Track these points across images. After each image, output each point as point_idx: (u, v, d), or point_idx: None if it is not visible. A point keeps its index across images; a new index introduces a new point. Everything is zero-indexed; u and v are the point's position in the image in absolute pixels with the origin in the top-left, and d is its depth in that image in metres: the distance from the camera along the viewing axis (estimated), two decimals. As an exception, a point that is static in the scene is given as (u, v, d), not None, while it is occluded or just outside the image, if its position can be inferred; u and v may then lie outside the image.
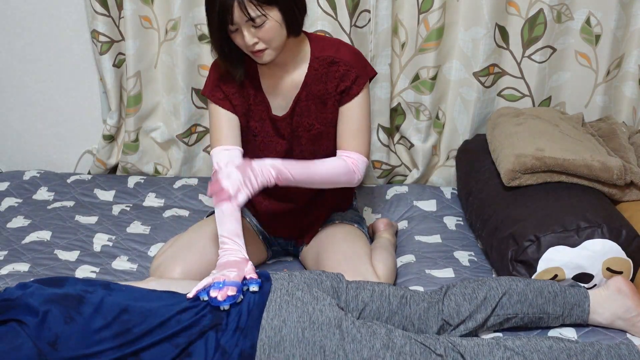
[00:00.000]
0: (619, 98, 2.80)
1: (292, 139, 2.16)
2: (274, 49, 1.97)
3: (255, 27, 1.92)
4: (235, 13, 1.89)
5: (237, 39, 1.96)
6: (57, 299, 1.70)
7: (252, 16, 1.89)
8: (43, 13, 2.80)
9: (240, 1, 1.87)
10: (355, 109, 2.10)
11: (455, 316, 1.90)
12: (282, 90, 2.13)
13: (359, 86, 2.09)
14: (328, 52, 2.09)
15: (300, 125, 2.14)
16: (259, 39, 1.94)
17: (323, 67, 2.09)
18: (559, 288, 1.98)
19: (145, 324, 1.71)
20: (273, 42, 1.95)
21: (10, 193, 2.79)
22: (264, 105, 2.14)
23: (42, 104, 2.96)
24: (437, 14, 2.60)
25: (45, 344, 1.64)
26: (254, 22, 1.90)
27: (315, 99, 2.11)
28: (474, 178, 2.53)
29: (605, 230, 2.06)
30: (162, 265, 2.14)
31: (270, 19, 1.91)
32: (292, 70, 2.11)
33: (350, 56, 2.10)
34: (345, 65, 2.08)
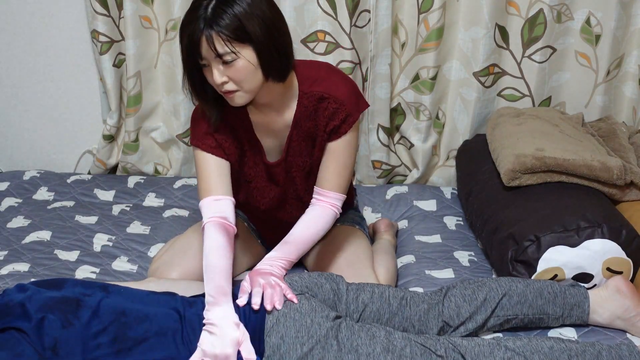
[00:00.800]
0: (619, 98, 2.80)
1: (286, 183, 2.09)
2: (246, 92, 1.81)
3: (225, 64, 1.76)
4: (203, 47, 1.74)
5: (208, 75, 1.80)
6: (54, 303, 1.70)
7: (219, 52, 1.73)
8: (43, 13, 2.80)
9: (208, 35, 1.72)
10: (342, 148, 1.98)
11: (456, 317, 1.90)
12: (273, 131, 2.00)
13: (349, 125, 1.95)
14: (317, 87, 1.94)
15: (293, 165, 2.04)
16: (229, 78, 1.78)
17: (312, 103, 1.95)
18: (558, 288, 1.97)
19: (141, 328, 1.70)
20: (245, 83, 1.79)
21: (10, 193, 2.79)
22: (258, 149, 2.02)
23: (42, 104, 2.96)
24: (437, 14, 2.60)
25: (46, 349, 1.64)
26: (222, 58, 1.74)
27: (305, 137, 1.99)
28: (474, 178, 2.53)
29: (605, 230, 2.06)
30: (160, 269, 2.13)
31: (242, 57, 1.75)
32: (281, 110, 1.96)
33: (342, 91, 1.94)
34: (335, 103, 1.93)
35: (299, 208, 2.11)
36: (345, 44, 2.66)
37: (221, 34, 1.73)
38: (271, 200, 2.12)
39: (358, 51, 2.68)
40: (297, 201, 2.14)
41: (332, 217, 2.00)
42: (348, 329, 1.75)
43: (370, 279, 2.08)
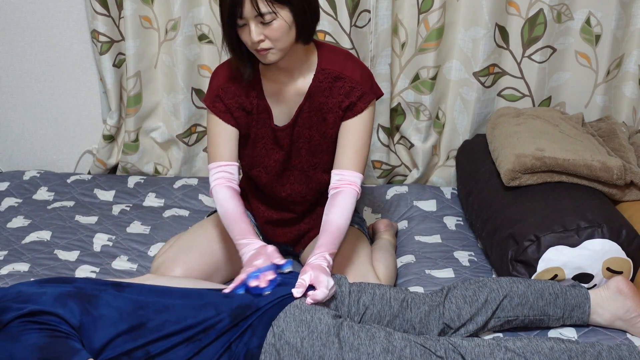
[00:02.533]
0: (619, 98, 2.80)
1: (292, 149, 2.14)
2: (279, 50, 1.93)
3: (264, 24, 1.87)
4: (246, 6, 1.85)
5: (244, 34, 1.91)
6: (70, 295, 1.71)
7: (262, 11, 1.85)
8: (43, 13, 2.80)
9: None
10: (358, 126, 2.06)
11: (456, 319, 1.90)
12: (285, 98, 2.09)
13: (365, 103, 2.04)
14: (335, 66, 2.05)
15: (301, 136, 2.12)
16: (265, 36, 1.89)
17: (328, 80, 2.05)
18: (559, 289, 1.97)
19: (160, 318, 1.71)
20: (279, 42, 1.91)
21: (10, 193, 2.79)
22: (267, 113, 2.11)
23: (42, 104, 2.96)
24: (437, 14, 2.60)
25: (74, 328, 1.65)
26: (262, 18, 1.86)
27: (317, 112, 2.08)
28: (474, 178, 2.53)
29: (605, 230, 2.06)
30: (162, 266, 2.14)
31: (280, 17, 1.87)
32: (297, 78, 2.06)
33: (358, 74, 2.05)
34: (351, 82, 2.04)
35: (301, 182, 2.18)
36: (345, 44, 2.66)
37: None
38: (275, 164, 2.15)
39: (358, 51, 2.68)
40: (300, 173, 2.17)
41: (354, 197, 2.04)
42: (349, 328, 1.75)
43: (369, 276, 2.09)
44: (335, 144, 2.11)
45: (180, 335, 1.71)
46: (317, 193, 2.23)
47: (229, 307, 1.76)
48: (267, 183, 2.21)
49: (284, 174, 2.18)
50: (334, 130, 2.09)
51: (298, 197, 2.22)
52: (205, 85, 2.82)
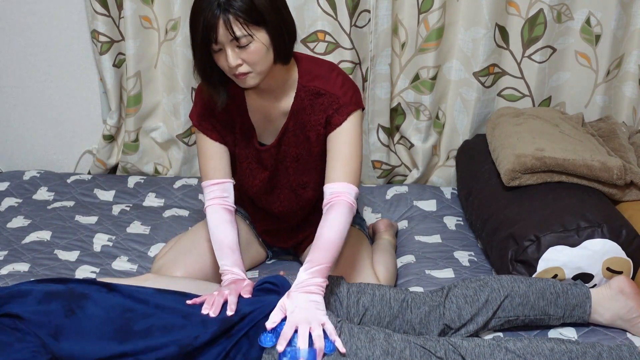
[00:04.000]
0: (619, 98, 2.80)
1: (277, 169, 2.10)
2: (258, 73, 1.86)
3: (240, 48, 1.81)
4: (220, 31, 1.78)
5: (220, 60, 1.85)
6: (58, 293, 1.70)
7: (237, 35, 1.78)
8: (43, 13, 2.80)
9: (226, 19, 1.77)
10: (341, 138, 1.96)
11: (457, 319, 1.90)
12: (270, 117, 2.04)
13: (342, 115, 1.96)
14: (316, 82, 1.98)
15: (287, 155, 2.07)
16: (243, 60, 1.83)
17: (309, 97, 1.99)
18: (561, 288, 1.96)
19: (146, 322, 1.70)
20: (258, 65, 1.84)
21: (10, 193, 2.79)
22: (250, 132, 2.06)
23: (42, 104, 2.96)
24: (437, 14, 2.60)
25: (46, 335, 1.64)
26: (238, 42, 1.79)
27: (301, 130, 2.03)
28: (474, 178, 2.53)
29: (605, 230, 2.06)
30: (163, 268, 2.13)
31: (257, 40, 1.80)
32: (279, 97, 2.01)
33: (338, 87, 1.98)
34: (330, 97, 1.97)
35: (291, 200, 2.15)
36: (345, 44, 2.66)
37: (238, 17, 1.77)
38: (261, 183, 2.13)
39: (358, 51, 2.68)
40: (289, 191, 2.14)
41: (347, 208, 1.91)
42: (349, 331, 1.74)
43: (369, 277, 2.08)
44: (323, 162, 2.06)
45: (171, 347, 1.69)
46: (310, 208, 2.21)
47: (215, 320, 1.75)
48: (257, 200, 2.20)
49: (273, 192, 2.16)
50: (318, 148, 2.04)
51: (290, 213, 2.20)
52: (205, 85, 2.82)
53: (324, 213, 1.93)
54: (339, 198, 1.92)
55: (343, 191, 1.93)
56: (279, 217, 2.23)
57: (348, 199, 1.92)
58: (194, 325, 1.72)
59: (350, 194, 1.93)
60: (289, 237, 2.29)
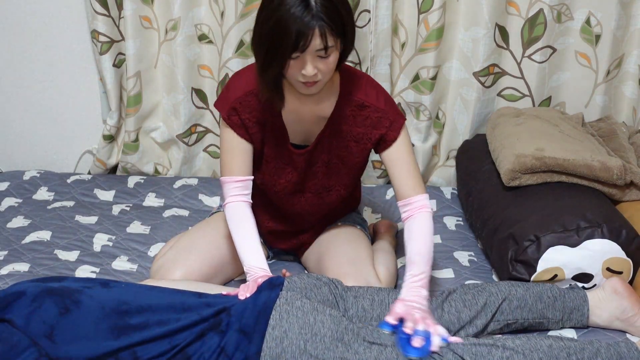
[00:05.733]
0: (619, 98, 2.80)
1: (307, 172, 2.10)
2: (324, 82, 1.87)
3: (322, 58, 1.80)
4: (315, 40, 1.75)
5: (294, 67, 1.81)
6: (53, 290, 1.70)
7: (328, 45, 1.76)
8: (43, 13, 2.80)
9: (321, 29, 1.74)
10: (401, 153, 2.02)
11: (456, 322, 1.90)
12: (304, 119, 2.02)
13: (396, 131, 2.00)
14: (358, 94, 1.99)
15: (319, 160, 2.07)
16: (318, 70, 1.81)
17: (351, 108, 1.99)
18: (558, 292, 1.98)
19: (142, 316, 1.70)
20: (328, 74, 1.84)
21: (10, 193, 2.79)
22: (282, 132, 2.03)
23: (42, 104, 2.96)
24: (437, 14, 2.60)
25: (41, 337, 1.64)
26: (326, 52, 1.78)
27: (338, 138, 2.03)
28: (474, 178, 2.53)
29: (605, 230, 2.06)
30: (162, 268, 2.13)
31: (336, 50, 1.81)
32: (318, 102, 1.99)
33: (382, 101, 2.00)
34: (376, 112, 1.99)
35: (312, 203, 2.15)
36: (345, 44, 2.65)
37: (332, 28, 1.76)
38: (286, 183, 2.11)
39: (358, 51, 2.68)
40: (313, 195, 2.14)
41: (429, 217, 1.99)
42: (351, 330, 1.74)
43: (371, 277, 2.08)
44: (355, 170, 2.10)
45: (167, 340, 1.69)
46: (328, 210, 2.21)
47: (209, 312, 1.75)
48: (276, 200, 2.18)
49: (295, 195, 2.15)
50: (358, 159, 2.07)
51: (307, 215, 2.20)
52: (205, 85, 2.82)
53: (406, 228, 1.99)
54: (419, 210, 1.99)
55: (420, 203, 2.00)
56: (293, 218, 2.21)
57: (427, 208, 2.00)
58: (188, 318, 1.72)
59: (427, 202, 2.01)
60: (292, 239, 2.29)
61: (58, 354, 1.64)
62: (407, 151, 2.03)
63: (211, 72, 2.79)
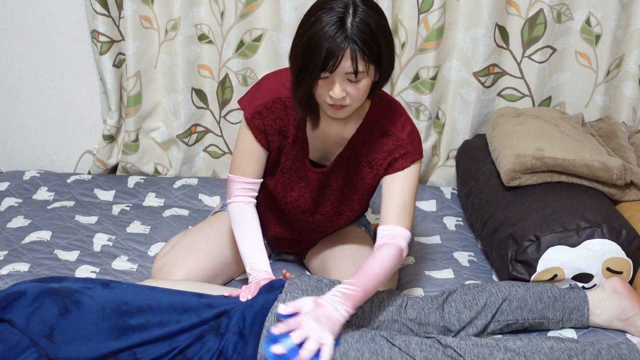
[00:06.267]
0: (619, 98, 2.80)
1: (320, 193, 2.07)
2: (353, 108, 1.81)
3: (351, 82, 1.74)
4: (344, 62, 1.70)
5: (322, 87, 1.76)
6: (53, 291, 1.70)
7: (359, 70, 1.71)
8: (43, 13, 2.80)
9: (353, 51, 1.69)
10: (402, 183, 1.94)
11: (456, 323, 1.90)
12: (325, 137, 1.98)
13: (406, 162, 1.93)
14: (384, 121, 1.94)
15: (333, 182, 2.04)
16: (347, 93, 1.76)
17: (373, 133, 1.94)
18: (558, 292, 1.98)
19: (142, 317, 1.70)
20: (358, 101, 1.79)
21: (10, 193, 2.79)
22: (302, 146, 1.99)
23: (42, 104, 2.95)
24: (437, 14, 2.60)
25: (41, 337, 1.64)
26: (356, 76, 1.72)
27: (355, 161, 1.99)
28: (474, 178, 2.53)
29: (605, 230, 2.06)
30: (163, 268, 2.13)
31: (368, 76, 1.75)
32: (344, 123, 1.94)
33: (406, 133, 1.94)
34: (396, 141, 1.93)
35: (320, 224, 2.13)
36: (345, 44, 2.65)
37: (365, 52, 1.71)
38: (298, 198, 2.08)
39: (358, 51, 2.67)
40: (323, 217, 2.12)
41: (397, 252, 1.87)
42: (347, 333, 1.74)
43: None
44: (366, 196, 2.08)
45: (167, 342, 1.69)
46: (334, 230, 2.21)
47: (210, 312, 1.75)
48: (285, 211, 2.15)
49: (304, 214, 2.12)
50: (370, 184, 2.03)
51: (313, 233, 2.19)
52: (205, 85, 2.82)
53: (375, 249, 1.89)
54: (393, 240, 1.89)
55: (399, 235, 1.90)
56: (299, 230, 2.19)
57: (402, 243, 1.89)
58: (189, 319, 1.72)
59: (404, 239, 1.91)
60: (296, 246, 2.29)
61: (58, 354, 1.64)
62: (409, 187, 1.95)
63: (211, 72, 2.79)
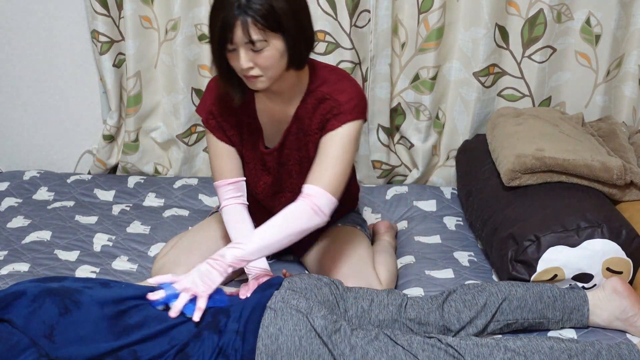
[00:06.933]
0: (619, 98, 2.80)
1: (280, 173, 2.09)
2: (268, 78, 1.85)
3: (254, 52, 1.79)
4: (237, 32, 1.77)
5: (233, 59, 1.84)
6: (53, 290, 1.70)
7: (253, 39, 1.77)
8: (43, 13, 2.80)
9: (244, 20, 1.75)
10: (330, 143, 1.92)
11: (456, 322, 1.90)
12: (277, 119, 2.03)
13: (339, 122, 1.91)
14: (324, 88, 1.96)
15: (290, 159, 2.06)
16: (255, 64, 1.81)
17: (313, 102, 1.96)
18: (558, 292, 1.98)
19: (140, 314, 1.71)
20: (269, 70, 1.83)
21: (10, 193, 2.79)
22: (258, 134, 2.05)
23: (42, 104, 2.96)
24: (437, 14, 2.60)
25: (40, 337, 1.64)
26: (253, 45, 1.78)
27: (304, 134, 2.01)
28: (474, 178, 2.53)
29: (605, 230, 2.06)
30: (164, 268, 2.13)
31: (272, 46, 1.79)
32: (288, 101, 1.99)
33: (344, 96, 1.94)
34: (333, 102, 1.93)
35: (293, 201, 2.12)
36: (345, 44, 2.66)
37: (257, 21, 1.76)
38: (265, 186, 2.12)
39: (358, 51, 2.68)
40: (292, 195, 2.11)
41: (310, 214, 1.87)
42: (348, 327, 1.75)
43: (371, 278, 2.08)
44: None
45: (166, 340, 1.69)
46: None
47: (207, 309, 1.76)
48: (263, 202, 2.18)
49: (276, 196, 2.15)
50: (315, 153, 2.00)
51: None
52: (205, 85, 2.81)
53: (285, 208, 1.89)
54: (305, 198, 1.88)
55: (313, 194, 1.88)
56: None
57: (316, 202, 1.87)
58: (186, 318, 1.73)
59: (320, 199, 1.88)
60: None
61: (58, 354, 1.64)
62: (336, 148, 1.91)
63: (211, 72, 2.79)
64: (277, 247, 1.88)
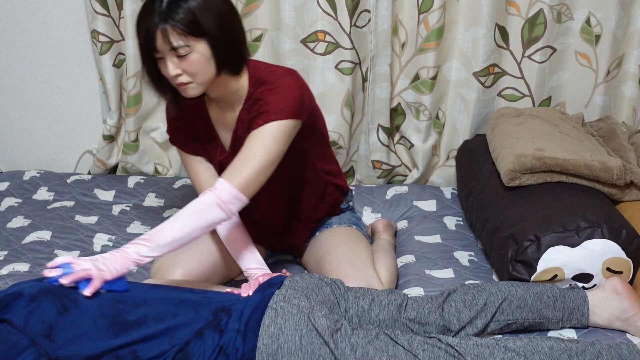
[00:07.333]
0: (619, 98, 2.80)
1: None
2: (198, 84, 1.85)
3: (179, 58, 1.81)
4: (158, 40, 1.80)
5: (162, 67, 1.85)
6: (51, 289, 1.70)
7: (174, 46, 1.79)
8: (43, 13, 2.80)
9: (163, 28, 1.78)
10: (250, 141, 1.88)
11: (456, 322, 1.90)
12: (227, 126, 2.04)
13: (264, 120, 1.88)
14: (261, 89, 1.93)
15: None
16: (183, 70, 1.82)
17: (251, 104, 1.96)
18: (558, 292, 1.98)
19: (139, 312, 1.70)
20: (198, 76, 1.83)
21: (10, 193, 2.79)
22: (215, 142, 2.06)
23: (42, 104, 2.96)
24: (437, 14, 2.60)
25: (40, 336, 1.64)
26: (177, 51, 1.80)
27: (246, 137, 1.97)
28: (474, 178, 2.53)
29: (605, 230, 2.06)
30: (163, 268, 2.13)
31: (196, 51, 1.80)
32: (234, 106, 2.00)
33: (277, 96, 1.90)
34: (263, 102, 1.91)
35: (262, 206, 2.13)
36: (345, 44, 2.66)
37: (176, 28, 1.78)
38: None
39: (358, 51, 2.68)
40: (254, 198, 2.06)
41: (214, 210, 1.81)
42: (348, 327, 1.75)
43: (372, 278, 2.08)
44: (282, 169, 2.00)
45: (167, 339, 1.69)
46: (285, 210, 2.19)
47: (208, 308, 1.76)
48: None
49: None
50: None
51: (264, 219, 2.19)
52: (205, 85, 2.83)
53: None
54: (212, 192, 1.83)
55: (219, 187, 1.83)
56: (262, 220, 2.20)
57: (220, 195, 1.82)
58: (185, 313, 1.72)
59: (225, 192, 1.82)
60: (278, 243, 2.30)
61: (57, 354, 1.64)
62: (255, 146, 1.86)
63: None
64: (184, 242, 1.83)
